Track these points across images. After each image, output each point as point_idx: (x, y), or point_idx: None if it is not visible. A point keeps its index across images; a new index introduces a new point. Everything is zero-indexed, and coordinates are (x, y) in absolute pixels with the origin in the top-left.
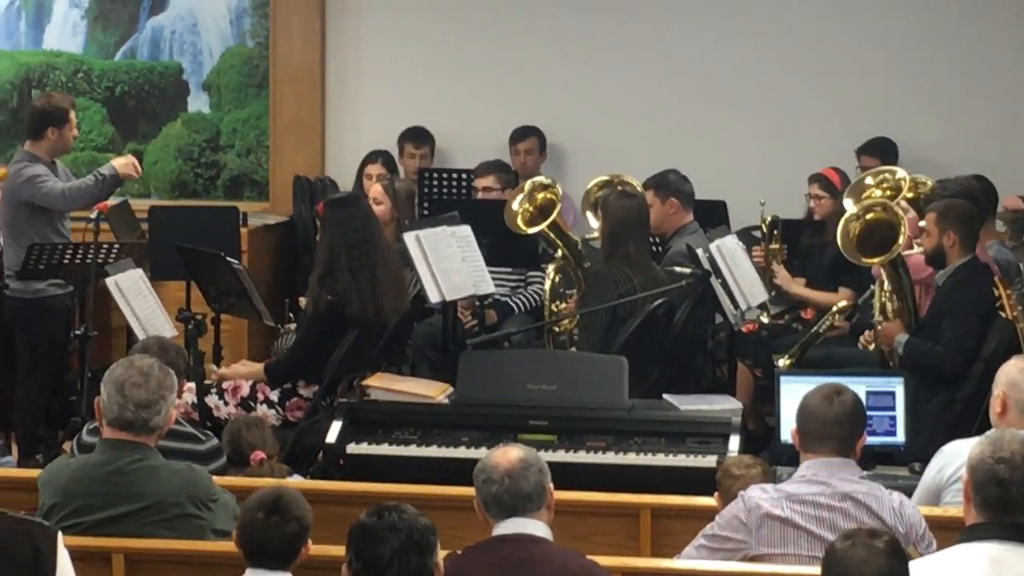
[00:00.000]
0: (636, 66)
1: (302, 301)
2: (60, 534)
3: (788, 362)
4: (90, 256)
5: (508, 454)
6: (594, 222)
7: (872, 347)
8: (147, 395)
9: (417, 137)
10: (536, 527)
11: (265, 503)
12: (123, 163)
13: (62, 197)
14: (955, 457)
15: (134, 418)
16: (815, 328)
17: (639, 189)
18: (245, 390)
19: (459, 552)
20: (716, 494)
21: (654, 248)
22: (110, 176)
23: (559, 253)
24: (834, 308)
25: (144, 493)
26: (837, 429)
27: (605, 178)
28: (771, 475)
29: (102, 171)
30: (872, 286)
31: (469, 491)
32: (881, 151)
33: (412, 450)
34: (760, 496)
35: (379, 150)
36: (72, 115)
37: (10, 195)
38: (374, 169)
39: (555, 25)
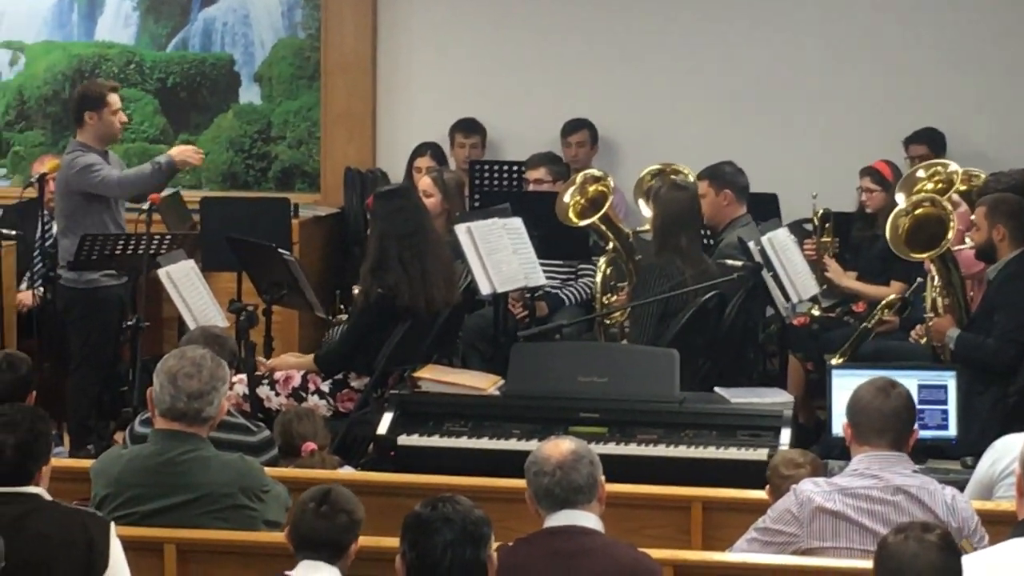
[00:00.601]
0: (688, 59)
1: (356, 290)
2: (112, 524)
3: (840, 361)
4: (142, 247)
5: (560, 446)
6: (647, 210)
7: (924, 341)
8: (199, 386)
9: (468, 127)
10: (588, 519)
11: (316, 495)
12: (179, 151)
13: (118, 185)
14: (1007, 451)
15: (187, 409)
16: (864, 324)
17: (691, 178)
18: (296, 381)
19: (510, 544)
20: (767, 488)
21: (706, 240)
22: (166, 164)
23: (610, 246)
24: (882, 303)
25: (196, 484)
26: (890, 423)
27: (657, 167)
28: (821, 471)
29: (159, 160)
30: (920, 279)
31: (520, 483)
32: (929, 140)
33: (463, 442)
34: (812, 490)
35: (428, 142)
36: (112, 99)
37: (64, 185)
38: (423, 162)
39: (607, 17)
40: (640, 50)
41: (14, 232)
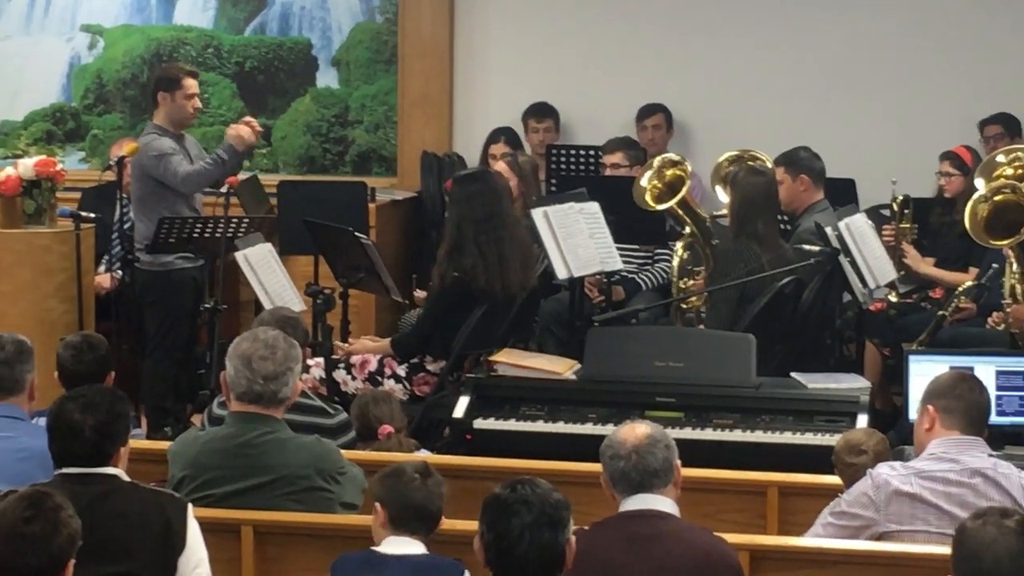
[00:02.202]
0: (764, 43)
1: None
2: (190, 506)
3: (917, 347)
4: (220, 230)
5: (636, 430)
6: (723, 196)
7: (1002, 327)
8: (274, 367)
9: (540, 112)
10: (663, 503)
11: (419, 467)
12: (232, 132)
13: (182, 181)
14: None
15: (263, 391)
16: (941, 311)
17: (769, 164)
18: (373, 365)
19: (586, 528)
20: (839, 476)
21: (783, 226)
22: (226, 151)
23: (687, 230)
24: (960, 289)
25: (273, 466)
26: (973, 410)
27: (735, 153)
28: (886, 453)
29: (220, 152)
30: (994, 265)
31: (596, 467)
32: (1004, 121)
33: (539, 426)
34: (889, 473)
35: (502, 128)
36: (188, 83)
37: (139, 168)
38: (497, 148)
39: (683, 1)
40: (715, 34)
41: (92, 215)
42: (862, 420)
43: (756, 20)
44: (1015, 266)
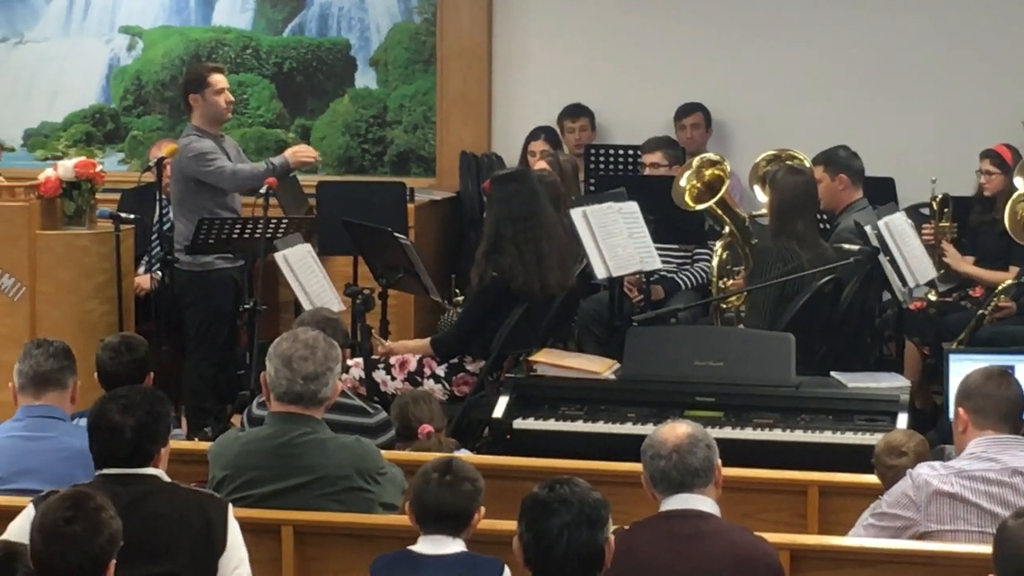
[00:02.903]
0: (803, 42)
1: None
2: (231, 506)
3: (957, 346)
4: (259, 230)
5: (676, 430)
6: (761, 196)
7: None
8: (315, 367)
9: (574, 112)
10: (704, 503)
11: (438, 466)
12: (294, 152)
13: (230, 178)
14: None
15: (303, 391)
16: (980, 310)
17: (807, 164)
18: (412, 365)
19: (626, 528)
20: (878, 477)
21: (822, 225)
22: (281, 165)
23: (726, 230)
24: (999, 288)
25: (312, 466)
26: (1011, 408)
27: (773, 152)
28: (926, 454)
29: (274, 160)
30: None
31: (636, 467)
32: None
33: (578, 426)
34: (929, 473)
35: (542, 127)
36: (214, 79)
37: (178, 170)
38: (537, 146)
39: (719, 3)
40: (755, 33)
41: (132, 216)
42: (902, 419)
43: (795, 19)
44: None
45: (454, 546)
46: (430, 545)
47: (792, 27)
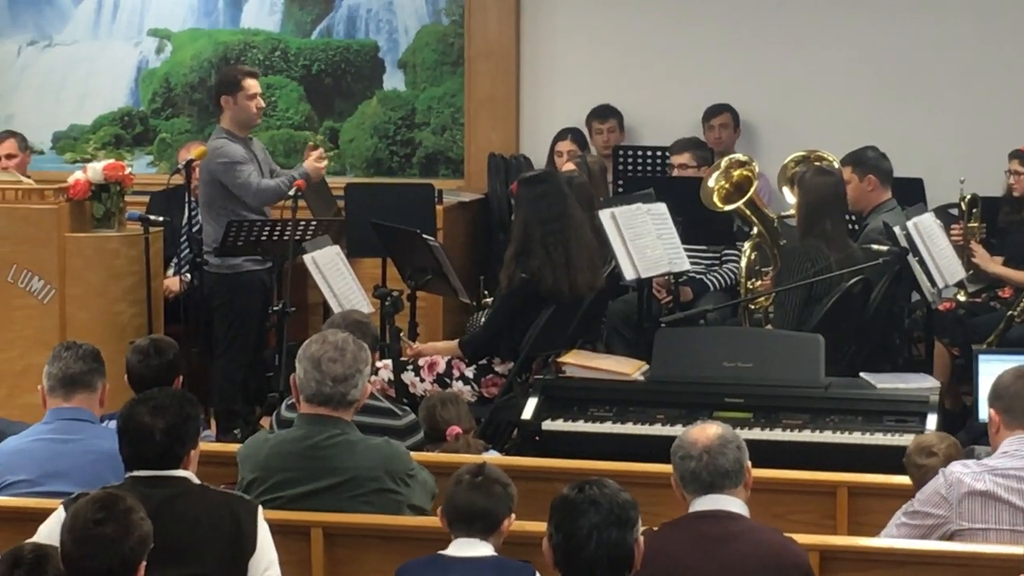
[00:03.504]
0: (831, 42)
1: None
2: (260, 508)
3: (986, 347)
4: (288, 232)
5: (706, 431)
6: (790, 197)
7: None
8: (344, 369)
9: (602, 113)
10: (733, 504)
11: (471, 468)
12: (312, 164)
13: (253, 194)
14: None
15: (332, 393)
16: (1010, 311)
17: (836, 164)
18: (441, 366)
19: (655, 529)
20: (910, 477)
21: (851, 226)
22: (302, 177)
23: (755, 230)
24: None
25: (342, 468)
26: None
27: (802, 153)
28: (958, 455)
29: (295, 173)
30: None
31: (665, 468)
32: None
33: (607, 427)
34: (962, 471)
35: (569, 127)
36: (248, 83)
37: (207, 173)
38: (564, 146)
39: (747, 4)
40: (782, 33)
41: (161, 218)
42: (931, 420)
43: (824, 20)
44: None
45: (483, 549)
46: (460, 548)
47: (821, 28)
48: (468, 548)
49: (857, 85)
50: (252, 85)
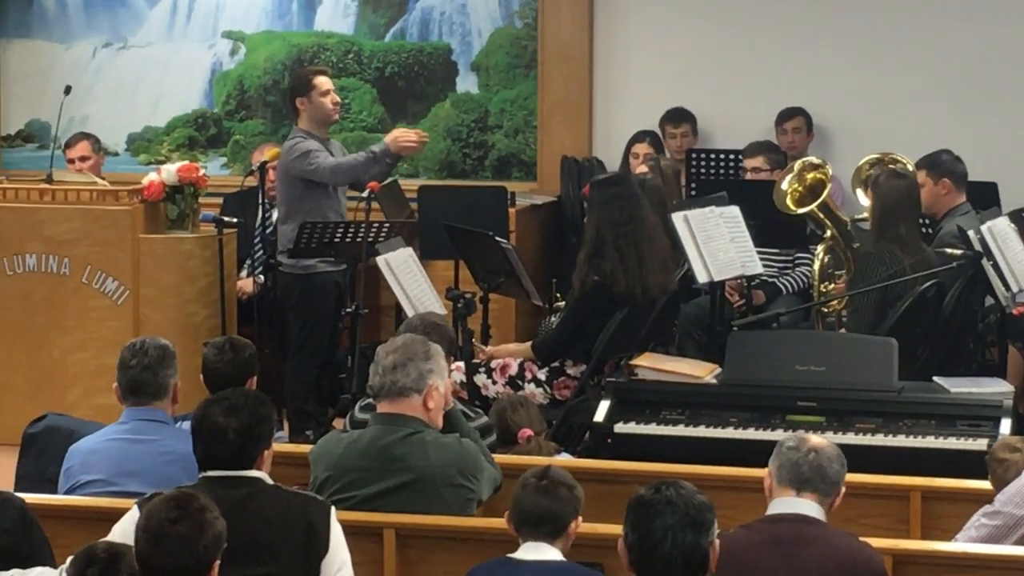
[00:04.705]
0: (904, 45)
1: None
2: (333, 508)
3: None
4: (361, 234)
5: (822, 438)
6: (863, 200)
7: None
8: (394, 359)
9: (676, 117)
10: (812, 508)
11: (537, 472)
12: (395, 136)
13: (331, 172)
14: None
15: (383, 382)
16: None
17: (910, 167)
18: (513, 369)
19: (731, 530)
20: (990, 477)
21: (925, 229)
22: (381, 152)
23: (828, 233)
24: None
25: (415, 466)
26: None
27: (876, 156)
28: None
29: (373, 147)
30: None
31: (737, 471)
32: None
33: (680, 430)
34: None
35: (646, 130)
36: (318, 81)
37: (284, 172)
38: (640, 148)
39: (820, 7)
40: (855, 36)
41: (235, 220)
42: (1005, 425)
43: (896, 23)
44: None
45: (551, 553)
46: (528, 551)
47: (894, 31)
48: (536, 552)
49: (932, 88)
50: (323, 82)
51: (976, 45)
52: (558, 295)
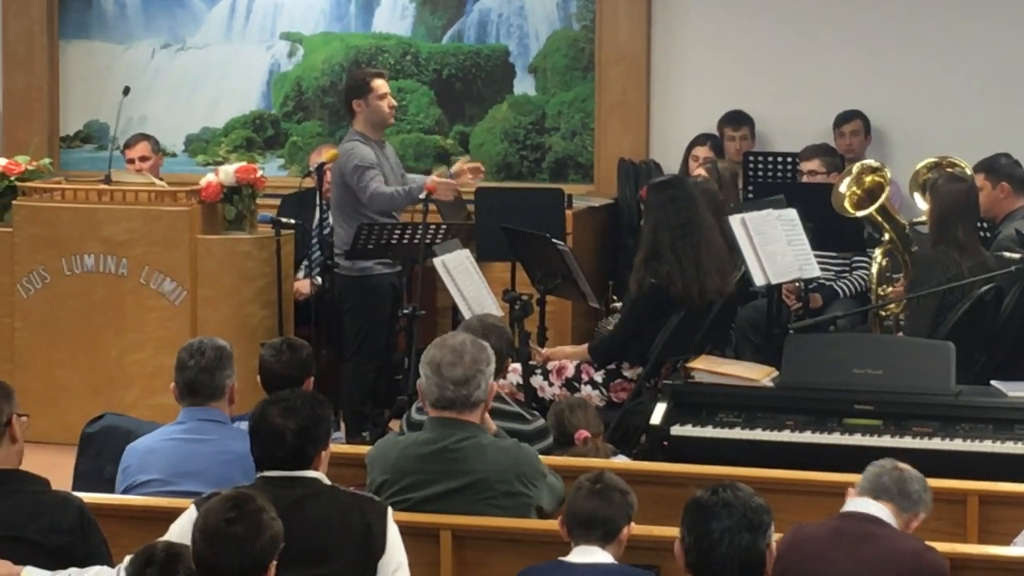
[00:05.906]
0: (962, 48)
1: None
2: (390, 509)
3: None
4: (418, 236)
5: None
6: (921, 203)
7: None
8: (463, 372)
9: (735, 120)
10: (883, 511)
11: (591, 476)
12: (435, 182)
13: (369, 199)
14: None
15: (455, 396)
16: None
17: (968, 171)
18: (570, 371)
19: (800, 524)
20: None
21: (983, 233)
22: (416, 190)
23: (886, 237)
24: None
25: (471, 470)
26: None
27: (934, 160)
28: None
29: (412, 185)
30: None
31: (795, 474)
32: None
33: (736, 433)
34: None
35: (708, 133)
36: (376, 84)
37: (339, 175)
38: (701, 151)
39: (879, 8)
40: (913, 40)
41: (292, 221)
42: None
43: (956, 26)
44: None
45: (602, 557)
46: (580, 555)
47: (953, 34)
48: (587, 555)
49: (989, 91)
50: (380, 85)
51: None
52: (614, 297)
